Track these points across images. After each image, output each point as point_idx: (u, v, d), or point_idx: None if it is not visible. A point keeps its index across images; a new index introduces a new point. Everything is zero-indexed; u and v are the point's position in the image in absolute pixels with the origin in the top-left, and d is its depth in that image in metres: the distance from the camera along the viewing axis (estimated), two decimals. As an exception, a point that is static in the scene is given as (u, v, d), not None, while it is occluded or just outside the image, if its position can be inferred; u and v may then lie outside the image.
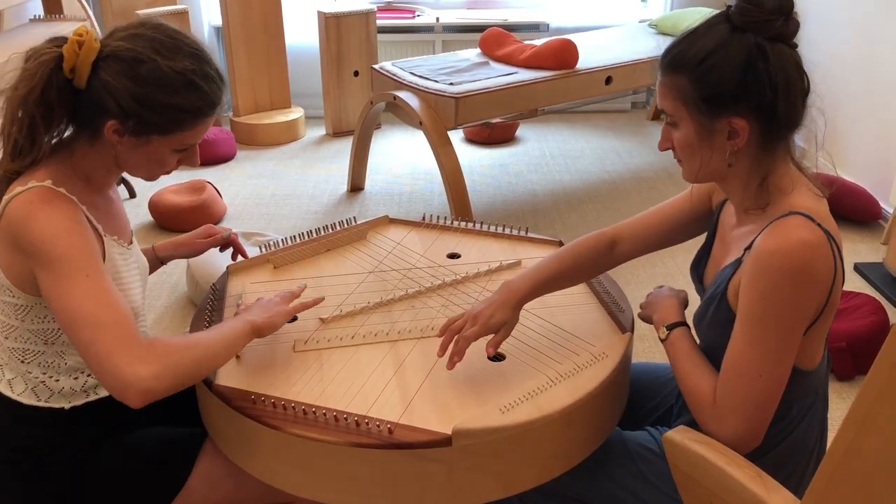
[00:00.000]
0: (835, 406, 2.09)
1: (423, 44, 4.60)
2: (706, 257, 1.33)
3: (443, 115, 2.94)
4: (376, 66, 3.31)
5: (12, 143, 1.19)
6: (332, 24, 4.08)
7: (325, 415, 1.15)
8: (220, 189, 3.45)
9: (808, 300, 1.09)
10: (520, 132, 4.40)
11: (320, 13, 4.11)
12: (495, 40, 3.46)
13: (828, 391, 1.28)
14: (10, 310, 1.23)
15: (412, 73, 3.18)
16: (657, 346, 2.40)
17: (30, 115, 1.17)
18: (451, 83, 3.02)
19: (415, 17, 4.60)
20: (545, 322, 1.40)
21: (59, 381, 1.26)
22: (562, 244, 1.65)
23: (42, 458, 1.26)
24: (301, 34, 4.53)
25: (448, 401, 1.20)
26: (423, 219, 1.80)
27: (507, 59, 3.32)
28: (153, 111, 1.17)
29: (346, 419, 1.14)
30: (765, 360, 1.10)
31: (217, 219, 3.30)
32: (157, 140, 1.21)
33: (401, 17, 4.59)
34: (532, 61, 3.22)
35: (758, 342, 1.10)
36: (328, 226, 1.71)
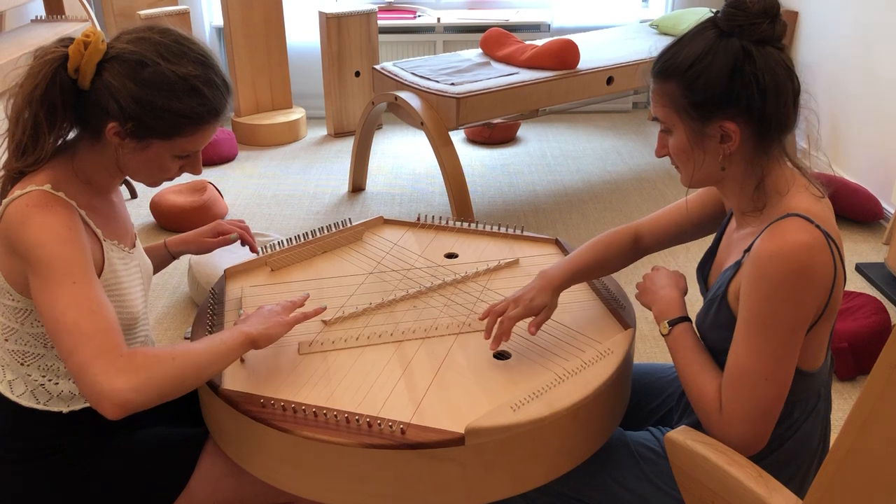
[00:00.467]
0: (837, 406, 2.10)
1: (424, 44, 4.60)
2: (711, 259, 1.34)
3: (444, 116, 2.94)
4: (377, 67, 3.31)
5: (16, 142, 1.19)
6: (333, 24, 4.08)
7: (335, 416, 1.14)
8: (221, 189, 3.46)
9: (808, 302, 1.09)
10: (521, 132, 4.40)
11: (321, 13, 4.11)
12: (496, 40, 3.46)
13: (830, 392, 1.28)
14: (10, 313, 1.23)
15: (413, 73, 3.19)
16: (658, 347, 2.40)
17: (34, 114, 1.17)
18: (453, 83, 3.02)
19: (416, 17, 4.60)
20: (553, 322, 1.40)
21: (58, 384, 1.26)
22: (557, 242, 1.69)
23: (43, 458, 1.26)
24: (302, 34, 4.53)
25: (457, 400, 1.20)
26: (419, 219, 1.80)
27: (508, 60, 3.32)
28: (153, 114, 1.16)
29: (357, 420, 1.14)
30: (768, 364, 1.09)
31: (218, 219, 3.30)
32: (157, 145, 1.21)
33: (402, 17, 4.59)
34: (533, 61, 3.22)
35: (760, 346, 1.09)
36: (323, 228, 1.69)
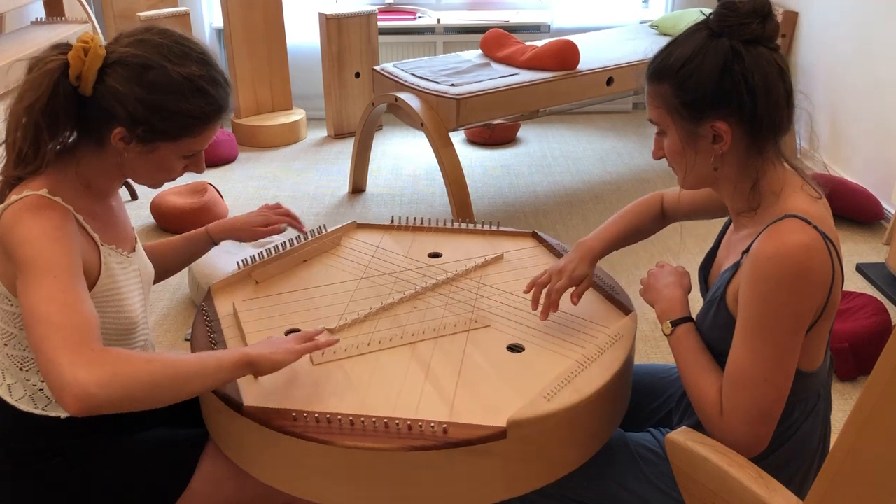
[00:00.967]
0: (837, 407, 2.10)
1: (424, 45, 4.60)
2: (712, 260, 1.33)
3: (444, 117, 2.95)
4: (377, 68, 3.31)
5: (17, 150, 1.18)
6: (333, 25, 4.08)
7: (374, 423, 1.12)
8: (221, 191, 3.46)
9: (806, 303, 1.09)
10: (521, 133, 4.40)
11: (321, 15, 4.11)
12: (496, 41, 3.46)
13: (830, 392, 1.28)
14: (8, 318, 1.22)
15: (413, 74, 3.19)
16: (658, 349, 2.40)
17: (35, 123, 1.15)
18: (453, 84, 3.02)
19: (416, 18, 4.60)
20: (555, 322, 1.41)
21: None
22: (535, 234, 1.72)
23: (43, 461, 1.26)
24: (302, 36, 4.53)
25: (487, 396, 1.20)
26: (392, 221, 1.78)
27: (508, 61, 3.32)
28: (163, 118, 1.16)
29: (397, 425, 1.12)
30: (767, 365, 1.09)
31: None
32: (164, 147, 1.20)
33: (402, 18, 4.60)
34: (533, 62, 3.22)
35: (759, 348, 1.10)
36: (298, 237, 1.64)
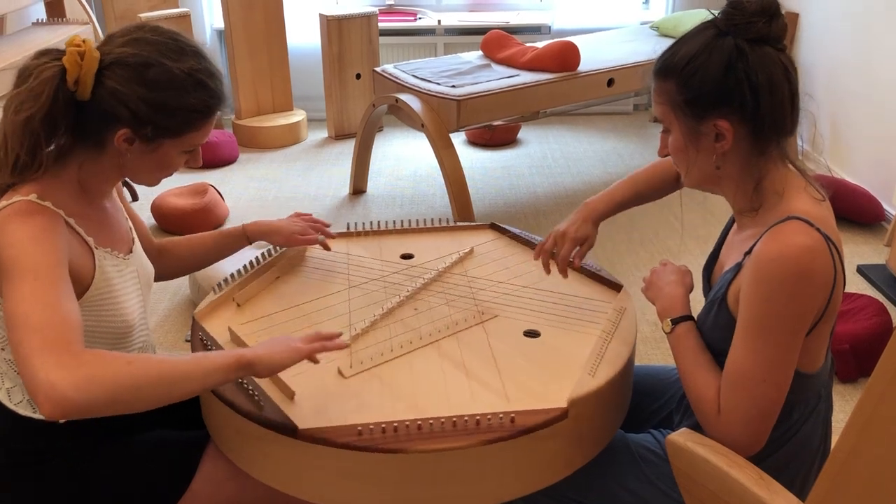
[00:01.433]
0: (838, 408, 2.09)
1: (424, 46, 4.61)
2: (715, 260, 1.33)
3: (445, 118, 2.95)
4: (378, 69, 3.31)
5: (13, 158, 1.15)
6: (333, 26, 4.09)
7: (441, 423, 1.11)
8: (222, 192, 3.46)
9: (808, 305, 1.09)
10: (521, 134, 4.41)
11: (322, 16, 4.11)
12: (497, 43, 3.46)
13: (831, 393, 1.28)
14: (4, 323, 1.20)
15: (414, 75, 3.19)
16: (658, 349, 2.40)
17: (34, 132, 1.14)
18: (453, 86, 3.02)
19: (416, 19, 4.60)
20: (556, 294, 1.45)
21: None
22: (493, 225, 1.75)
23: (43, 462, 1.26)
24: (303, 37, 4.54)
25: (530, 382, 1.22)
26: (348, 228, 1.73)
27: (508, 62, 3.32)
28: (167, 115, 1.16)
29: (465, 422, 1.12)
30: (767, 366, 1.09)
31: (220, 222, 3.31)
32: (167, 144, 1.20)
33: (402, 19, 4.60)
34: (534, 63, 3.22)
35: (759, 348, 1.09)
36: (258, 258, 1.55)
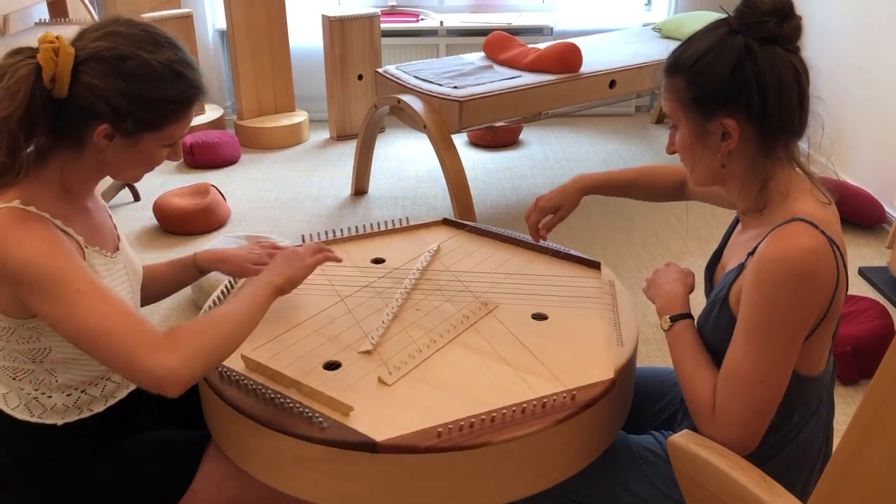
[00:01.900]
0: (840, 410, 2.09)
1: (427, 47, 4.61)
2: (717, 261, 1.33)
3: (447, 119, 2.95)
4: (380, 70, 3.31)
5: None
6: (336, 27, 4.09)
7: (513, 412, 1.14)
8: (224, 192, 3.45)
9: (809, 307, 1.09)
10: (523, 136, 4.41)
11: (324, 17, 4.12)
12: (499, 44, 3.46)
13: (833, 396, 1.28)
14: (25, 333, 1.19)
15: (416, 76, 3.19)
16: (659, 351, 2.40)
17: (12, 132, 1.11)
18: (455, 87, 3.02)
19: (419, 20, 4.60)
20: (544, 276, 1.50)
21: (51, 397, 1.24)
22: (446, 220, 1.79)
23: (43, 463, 1.26)
24: (305, 38, 4.54)
25: (565, 361, 1.27)
26: (303, 239, 1.60)
27: (510, 63, 3.32)
28: (146, 107, 1.14)
29: (533, 406, 1.14)
30: (764, 367, 1.09)
31: (221, 222, 3.31)
32: (147, 137, 1.18)
33: (405, 20, 4.60)
34: (536, 65, 3.22)
35: (758, 348, 1.09)
36: (227, 286, 1.49)
